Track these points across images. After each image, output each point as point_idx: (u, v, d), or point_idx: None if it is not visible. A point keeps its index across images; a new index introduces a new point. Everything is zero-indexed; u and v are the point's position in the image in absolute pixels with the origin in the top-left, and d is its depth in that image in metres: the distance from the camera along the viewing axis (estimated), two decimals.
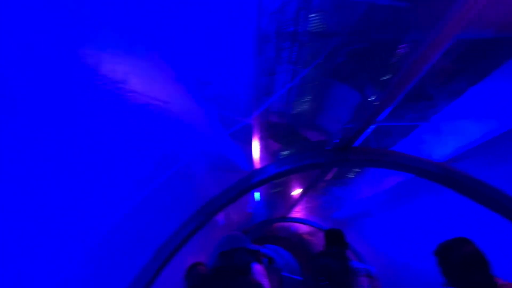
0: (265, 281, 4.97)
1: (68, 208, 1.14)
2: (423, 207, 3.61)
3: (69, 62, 0.82)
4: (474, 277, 1.37)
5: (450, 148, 2.55)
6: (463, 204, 2.99)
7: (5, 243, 0.86)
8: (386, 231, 4.52)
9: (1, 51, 0.66)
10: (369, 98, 2.19)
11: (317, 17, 1.88)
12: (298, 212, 6.44)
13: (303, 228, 8.10)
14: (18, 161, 0.85)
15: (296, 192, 5.23)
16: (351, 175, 4.04)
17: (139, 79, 1.09)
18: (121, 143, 1.16)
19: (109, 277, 1.57)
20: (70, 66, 0.83)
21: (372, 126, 2.73)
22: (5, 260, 0.87)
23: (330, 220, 6.24)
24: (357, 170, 3.95)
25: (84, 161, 1.11)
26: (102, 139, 1.08)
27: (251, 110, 1.74)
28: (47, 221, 1.07)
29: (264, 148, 2.37)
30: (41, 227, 1.05)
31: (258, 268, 5.22)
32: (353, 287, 2.64)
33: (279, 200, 5.76)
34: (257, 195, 5.49)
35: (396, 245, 4.50)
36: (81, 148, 1.06)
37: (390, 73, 1.89)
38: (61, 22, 0.75)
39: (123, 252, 1.61)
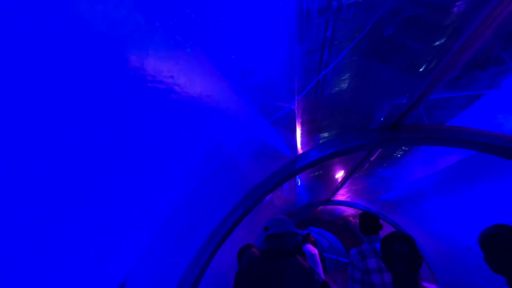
0: (317, 262, 5.00)
1: (130, 202, 1.25)
2: (487, 189, 3.23)
3: (116, 64, 0.85)
4: None
5: None
6: None
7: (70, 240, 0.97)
8: (442, 214, 4.17)
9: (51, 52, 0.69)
10: (421, 68, 1.97)
11: None
12: (342, 195, 6.28)
13: (349, 210, 7.90)
14: (82, 161, 0.90)
15: (341, 174, 5.07)
16: (399, 154, 3.76)
17: (183, 75, 1.13)
18: (173, 139, 1.23)
19: (169, 263, 1.72)
20: (118, 68, 0.87)
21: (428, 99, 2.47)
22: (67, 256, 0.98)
23: (378, 203, 5.97)
24: (405, 148, 3.66)
25: (138, 160, 1.18)
26: (156, 137, 1.15)
27: (293, 95, 1.69)
28: (110, 215, 1.19)
29: (306, 133, 2.32)
30: (105, 221, 1.18)
31: (311, 249, 5.26)
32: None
33: (323, 183, 5.66)
34: (299, 180, 5.48)
35: (454, 230, 4.15)
36: (136, 147, 1.13)
37: (446, 37, 1.67)
38: (105, 23, 0.76)
39: (181, 238, 1.74)
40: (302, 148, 2.38)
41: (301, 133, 2.55)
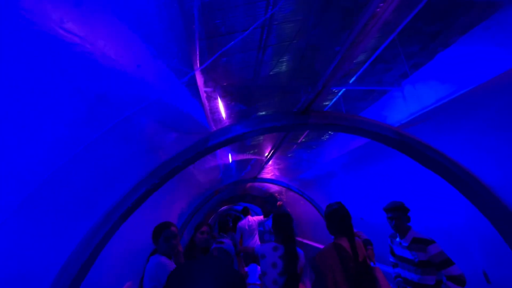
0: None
1: None
2: (379, 169, 3.82)
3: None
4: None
5: (406, 113, 2.60)
6: (412, 168, 3.19)
7: None
8: (347, 190, 4.81)
9: None
10: (328, 58, 2.09)
11: None
12: (268, 173, 6.62)
13: (274, 187, 8.47)
14: None
15: (265, 154, 5.29)
16: (324, 138, 4.10)
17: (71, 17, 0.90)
18: (39, 84, 0.98)
19: (44, 249, 1.49)
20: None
21: (337, 89, 2.68)
22: None
23: (298, 181, 6.53)
24: (326, 136, 4.01)
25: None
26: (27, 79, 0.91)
27: (196, 60, 1.54)
28: None
29: (227, 107, 2.26)
30: None
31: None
32: None
33: (249, 162, 5.83)
34: (229, 156, 5.51)
35: (355, 203, 4.85)
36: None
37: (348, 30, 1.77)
38: None
39: (59, 220, 1.51)
40: (218, 124, 2.32)
41: (223, 106, 2.48)
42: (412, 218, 2.79)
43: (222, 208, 14.34)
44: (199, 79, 1.90)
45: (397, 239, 2.85)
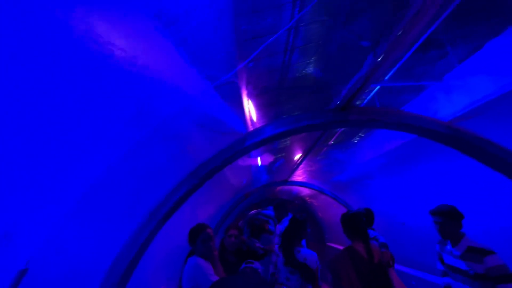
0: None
1: (39, 174, 1.06)
2: (424, 169, 3.54)
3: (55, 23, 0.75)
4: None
5: (457, 106, 2.37)
6: (466, 166, 2.90)
7: None
8: (386, 192, 4.53)
9: None
10: (370, 54, 1.98)
11: None
12: (299, 176, 6.48)
13: (305, 191, 8.27)
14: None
15: (298, 155, 5.19)
16: (355, 139, 3.92)
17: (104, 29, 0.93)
18: (83, 100, 1.02)
19: (97, 244, 1.55)
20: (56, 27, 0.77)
21: (376, 86, 2.54)
22: None
23: (331, 184, 6.30)
24: (361, 134, 3.82)
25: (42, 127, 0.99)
26: (63, 96, 0.95)
27: (236, 62, 1.54)
28: (17, 188, 1.01)
29: (259, 108, 2.23)
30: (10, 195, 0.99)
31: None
32: None
33: (281, 164, 5.76)
34: (259, 159, 5.50)
35: (396, 206, 4.55)
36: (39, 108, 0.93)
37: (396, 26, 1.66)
38: None
39: (110, 217, 1.57)
40: (253, 125, 2.30)
41: (255, 108, 2.46)
42: (469, 222, 2.52)
43: (251, 212, 14.33)
44: (233, 83, 1.90)
45: (448, 246, 2.59)
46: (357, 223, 2.35)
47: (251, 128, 2.29)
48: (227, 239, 3.30)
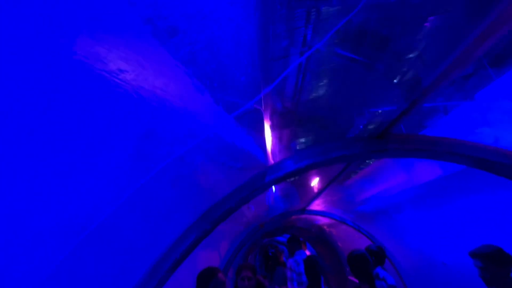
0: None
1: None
2: (472, 203, 3.05)
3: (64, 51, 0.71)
4: None
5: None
6: None
7: None
8: (421, 227, 3.99)
9: None
10: (416, 70, 1.66)
11: None
12: (318, 205, 6.00)
13: (323, 219, 7.69)
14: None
15: (317, 183, 4.76)
16: (385, 166, 3.50)
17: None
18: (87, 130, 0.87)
19: None
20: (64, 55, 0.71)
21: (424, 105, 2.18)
22: None
23: (354, 213, 5.77)
24: (389, 163, 3.41)
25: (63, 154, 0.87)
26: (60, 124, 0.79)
27: (256, 90, 1.27)
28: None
29: (278, 139, 1.91)
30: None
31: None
32: None
33: (298, 192, 5.34)
34: (273, 188, 5.11)
35: (434, 243, 3.99)
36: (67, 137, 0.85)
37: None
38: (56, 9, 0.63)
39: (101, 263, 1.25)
40: (273, 157, 1.97)
41: (273, 140, 2.15)
42: None
43: (265, 240, 13.63)
44: (254, 111, 1.64)
45: None
46: (362, 264, 2.30)
47: (272, 161, 1.96)
48: (240, 283, 2.88)
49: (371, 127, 2.18)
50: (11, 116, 0.68)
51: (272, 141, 2.16)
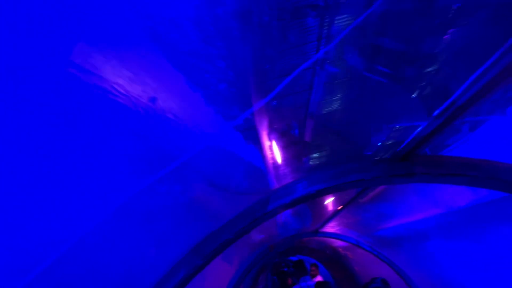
0: None
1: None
2: (506, 234, 2.63)
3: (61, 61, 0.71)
4: None
5: None
6: None
7: None
8: (448, 259, 3.53)
9: None
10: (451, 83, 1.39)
11: None
12: (332, 228, 5.59)
13: (338, 241, 7.21)
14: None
15: (332, 204, 4.41)
16: (407, 190, 3.15)
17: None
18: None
19: None
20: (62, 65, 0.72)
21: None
22: None
23: (372, 238, 5.31)
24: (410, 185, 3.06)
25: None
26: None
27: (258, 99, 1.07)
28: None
29: (286, 159, 1.67)
30: None
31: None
32: None
33: (311, 214, 4.98)
34: None
35: (461, 278, 3.51)
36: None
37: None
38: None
39: None
40: (278, 182, 1.71)
41: (282, 160, 1.89)
42: None
43: (276, 259, 13.05)
44: (253, 129, 1.43)
45: None
46: None
47: (277, 185, 1.70)
48: None
49: (389, 143, 1.90)
50: None
51: (278, 158, 1.91)
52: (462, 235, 3.09)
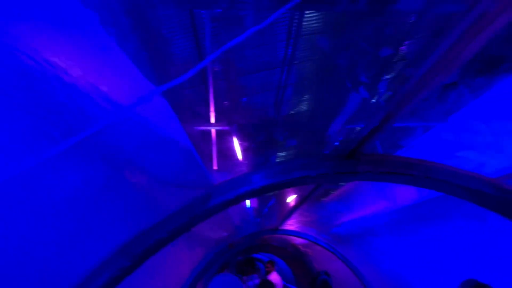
0: None
1: None
2: (444, 230, 2.84)
3: None
4: None
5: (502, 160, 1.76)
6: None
7: None
8: (397, 255, 3.74)
9: None
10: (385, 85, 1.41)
11: None
12: (291, 225, 5.66)
13: (298, 239, 7.35)
14: None
15: (291, 200, 4.45)
16: (361, 189, 3.26)
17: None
18: None
19: None
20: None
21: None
22: None
23: (328, 235, 5.48)
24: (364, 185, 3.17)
25: None
26: None
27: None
28: None
29: (232, 152, 1.58)
30: None
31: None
32: None
33: (270, 211, 4.99)
34: (248, 203, 4.73)
35: (408, 271, 3.74)
36: None
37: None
38: None
39: None
40: (223, 176, 1.62)
41: (240, 152, 1.81)
42: None
43: (239, 257, 13.01)
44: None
45: None
46: None
47: (220, 179, 1.61)
48: None
49: (345, 146, 1.92)
50: None
51: (229, 154, 1.82)
52: (406, 232, 3.28)
